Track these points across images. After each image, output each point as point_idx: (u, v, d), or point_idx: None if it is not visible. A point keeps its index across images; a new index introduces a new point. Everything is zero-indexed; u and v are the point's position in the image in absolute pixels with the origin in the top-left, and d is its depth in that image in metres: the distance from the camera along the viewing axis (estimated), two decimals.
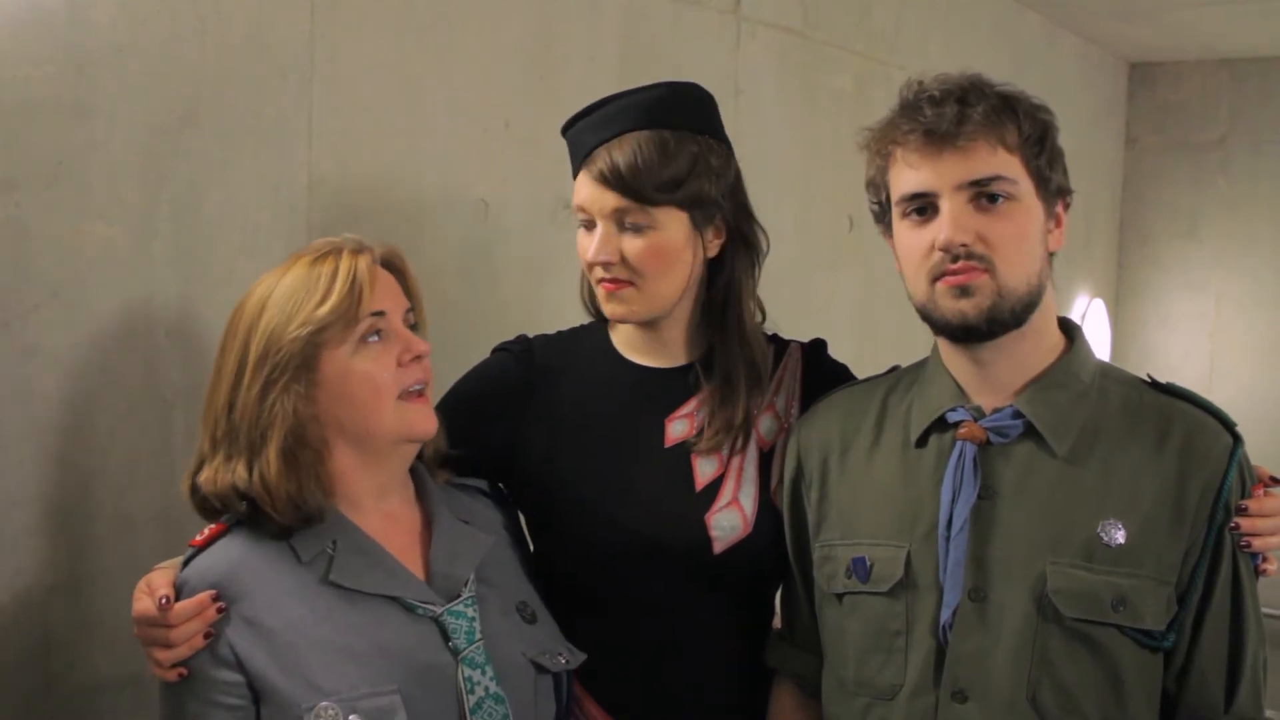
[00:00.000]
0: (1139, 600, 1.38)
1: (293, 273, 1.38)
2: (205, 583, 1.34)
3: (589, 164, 1.57)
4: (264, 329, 1.35)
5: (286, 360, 1.34)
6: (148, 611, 1.33)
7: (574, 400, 1.66)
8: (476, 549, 1.47)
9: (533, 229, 2.22)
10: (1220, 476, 1.39)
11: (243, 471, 1.35)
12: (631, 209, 1.55)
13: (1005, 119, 1.40)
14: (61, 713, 1.58)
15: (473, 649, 1.38)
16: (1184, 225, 4.55)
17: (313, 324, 1.35)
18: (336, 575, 1.36)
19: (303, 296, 1.36)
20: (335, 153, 1.88)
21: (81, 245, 1.56)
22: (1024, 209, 1.41)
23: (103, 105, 1.58)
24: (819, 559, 1.55)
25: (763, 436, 1.65)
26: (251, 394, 1.34)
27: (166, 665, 1.32)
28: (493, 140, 2.15)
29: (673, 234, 1.57)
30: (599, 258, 1.57)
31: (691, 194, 1.56)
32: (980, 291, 1.39)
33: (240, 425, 1.35)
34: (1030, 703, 1.38)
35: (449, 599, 1.40)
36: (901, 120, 1.42)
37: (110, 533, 1.62)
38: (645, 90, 1.59)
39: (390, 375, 1.39)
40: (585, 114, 1.61)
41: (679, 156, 1.55)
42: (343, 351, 1.37)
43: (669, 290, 1.59)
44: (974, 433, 1.44)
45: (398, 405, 1.40)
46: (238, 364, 1.36)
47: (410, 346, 1.41)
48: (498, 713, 1.37)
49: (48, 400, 1.54)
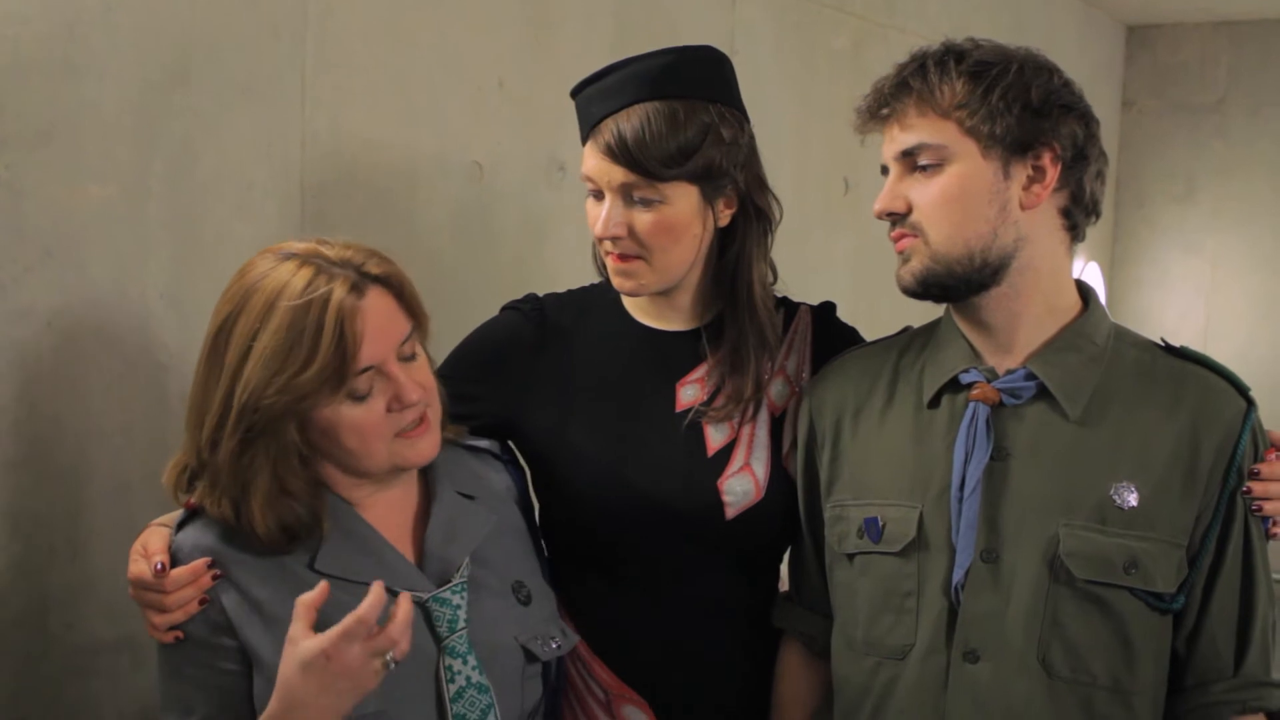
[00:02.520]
0: (1150, 563, 1.38)
1: (278, 317, 1.28)
2: (200, 550, 1.33)
3: (596, 135, 1.54)
4: (245, 383, 1.28)
5: (265, 422, 1.28)
6: (143, 575, 1.32)
7: (584, 361, 1.64)
8: (475, 531, 1.44)
9: (528, 190, 2.21)
10: (1233, 441, 1.39)
11: (228, 508, 1.32)
12: (639, 184, 1.51)
13: (938, 85, 1.39)
14: (60, 672, 1.58)
15: (455, 638, 1.36)
16: (1181, 188, 4.54)
17: (293, 392, 1.27)
18: (322, 564, 1.34)
19: (285, 356, 1.27)
20: (329, 112, 1.86)
21: (74, 206, 1.55)
22: (958, 173, 1.39)
23: (93, 64, 1.56)
24: (831, 519, 1.55)
25: (774, 401, 1.63)
26: (232, 445, 1.29)
27: (162, 629, 1.32)
28: (487, 100, 2.13)
29: (682, 208, 1.53)
30: (608, 233, 1.54)
31: (702, 167, 1.52)
32: (915, 255, 1.42)
33: (221, 469, 1.31)
34: (1040, 663, 1.38)
35: (440, 582, 1.39)
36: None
37: (106, 495, 1.61)
38: (655, 56, 1.54)
39: (381, 420, 1.33)
40: (594, 80, 1.56)
41: (689, 129, 1.51)
42: (329, 409, 1.31)
43: (678, 263, 1.57)
44: (987, 394, 1.43)
45: (392, 444, 1.35)
46: (222, 405, 1.29)
47: (401, 396, 1.33)
48: (480, 702, 1.36)
49: (41, 362, 1.53)
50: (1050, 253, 1.44)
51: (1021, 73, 1.39)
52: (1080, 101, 1.43)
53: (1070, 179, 1.42)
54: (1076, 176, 1.42)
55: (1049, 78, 1.41)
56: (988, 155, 1.39)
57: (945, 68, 1.40)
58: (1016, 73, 1.39)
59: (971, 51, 1.41)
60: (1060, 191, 1.42)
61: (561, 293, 1.73)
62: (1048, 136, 1.39)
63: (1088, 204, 1.45)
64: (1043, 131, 1.39)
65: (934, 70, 1.40)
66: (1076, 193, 1.43)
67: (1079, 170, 1.42)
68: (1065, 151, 1.40)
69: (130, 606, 1.38)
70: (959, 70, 1.39)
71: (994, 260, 1.40)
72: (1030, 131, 1.38)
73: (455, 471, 1.49)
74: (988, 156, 1.39)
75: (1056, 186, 1.41)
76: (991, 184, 1.39)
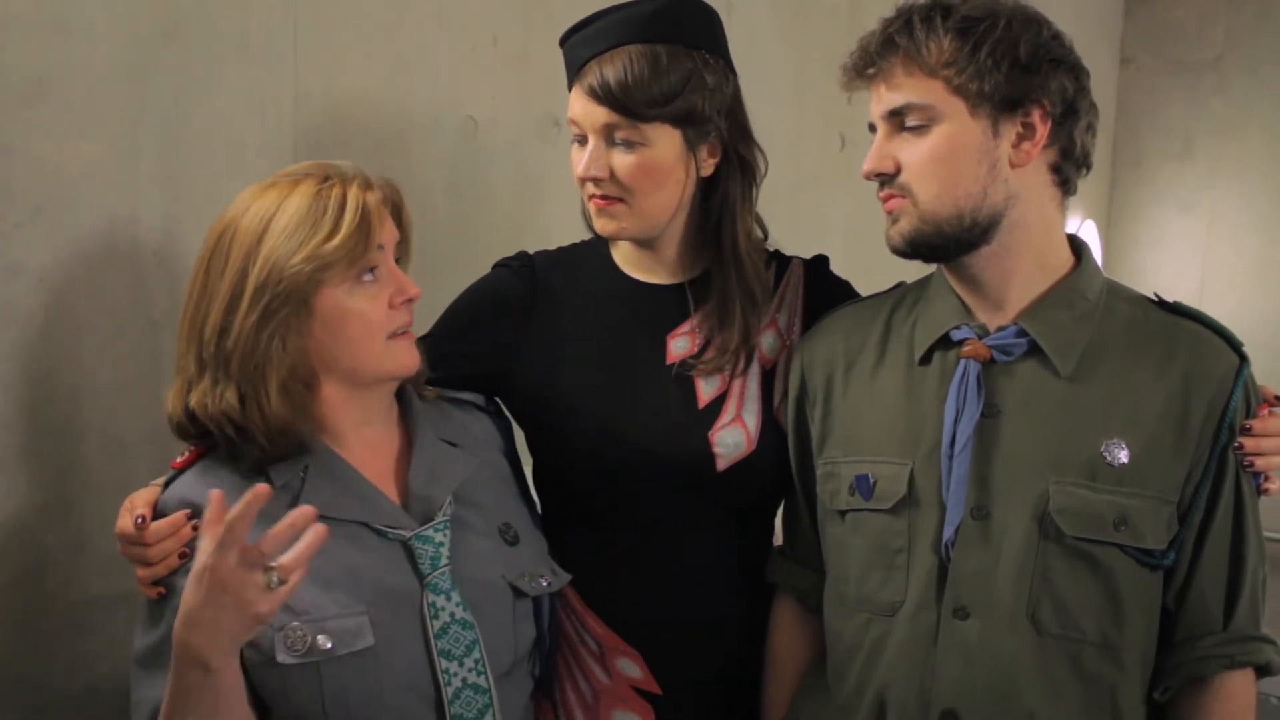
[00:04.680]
0: (1140, 520, 1.38)
1: (295, 199, 1.34)
2: (183, 505, 1.35)
3: (580, 78, 1.55)
4: (265, 257, 1.32)
5: (287, 293, 1.32)
6: (126, 529, 1.35)
7: (575, 315, 1.65)
8: (457, 471, 1.47)
9: (522, 147, 2.19)
10: (1226, 396, 1.39)
11: (233, 399, 1.33)
12: (621, 124, 1.53)
13: (924, 42, 1.37)
14: (57, 629, 1.59)
15: (438, 574, 1.38)
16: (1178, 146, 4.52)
17: (319, 259, 1.32)
18: (304, 502, 1.34)
19: (309, 228, 1.32)
20: (322, 69, 1.85)
21: (64, 163, 1.54)
22: (946, 132, 1.38)
23: (83, 19, 1.54)
24: (822, 476, 1.55)
25: (765, 353, 1.64)
26: (248, 323, 1.32)
27: (147, 582, 1.35)
28: (481, 57, 2.11)
29: (663, 151, 1.55)
30: (589, 173, 1.55)
31: (683, 110, 1.54)
32: (904, 216, 1.41)
33: (233, 353, 1.32)
34: (1030, 619, 1.39)
35: (424, 522, 1.40)
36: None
37: (99, 453, 1.61)
38: (642, 3, 1.56)
39: (383, 313, 1.38)
40: (581, 26, 1.58)
41: (671, 71, 1.53)
42: (339, 290, 1.35)
43: (659, 208, 1.58)
44: (978, 350, 1.43)
45: (386, 344, 1.39)
46: (233, 288, 1.32)
47: (403, 289, 1.40)
48: (465, 638, 1.37)
49: (33, 319, 1.53)
50: (1041, 209, 1.43)
51: (1010, 27, 1.37)
52: (1070, 54, 1.41)
53: (1060, 134, 1.40)
54: (1067, 131, 1.41)
55: (1038, 31, 1.39)
56: (976, 114, 1.37)
57: (932, 24, 1.38)
58: (1005, 28, 1.37)
59: (959, 6, 1.39)
60: (1050, 147, 1.41)
61: (553, 250, 1.74)
62: (1037, 93, 1.37)
63: (1078, 158, 1.44)
64: (1032, 88, 1.37)
65: (920, 27, 1.38)
66: (1067, 147, 1.42)
67: (1069, 125, 1.41)
68: (1055, 107, 1.38)
69: (125, 564, 1.38)
70: (946, 26, 1.37)
71: (984, 220, 1.40)
72: (1020, 88, 1.37)
73: (438, 421, 1.51)
74: (976, 115, 1.37)
75: (1047, 143, 1.39)
76: (980, 143, 1.38)
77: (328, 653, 1.31)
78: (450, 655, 1.37)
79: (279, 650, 1.31)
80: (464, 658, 1.37)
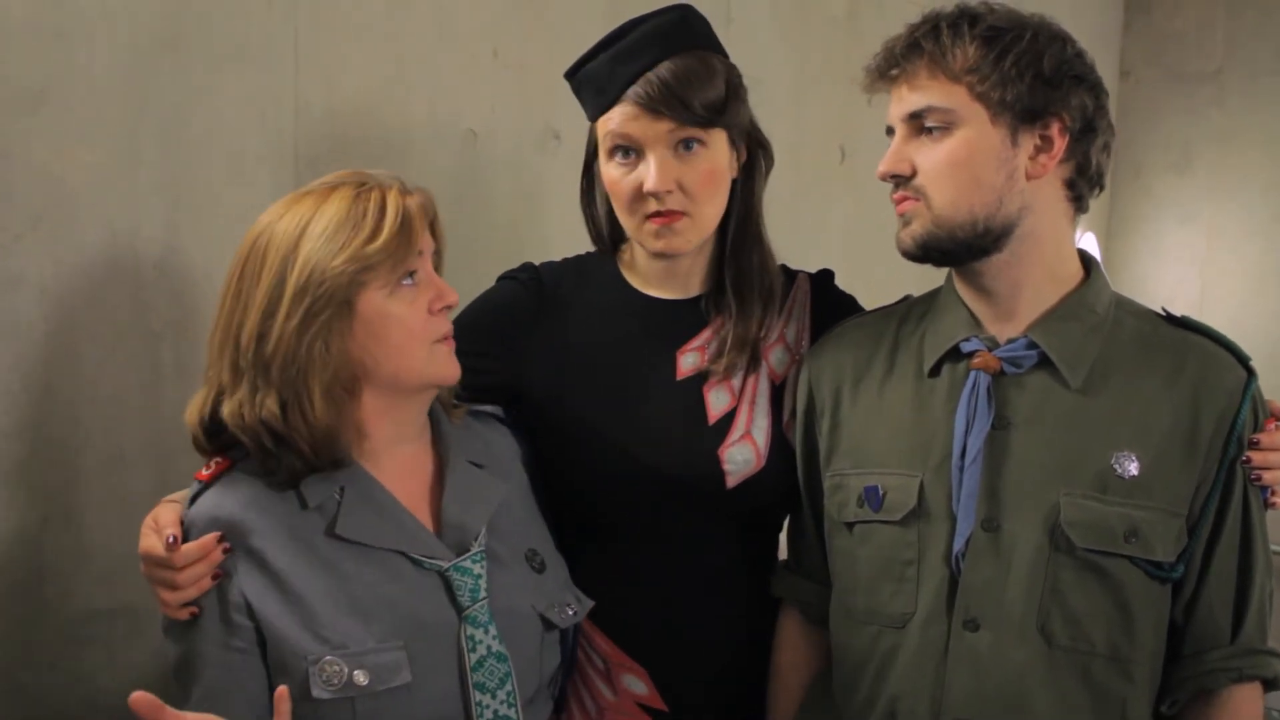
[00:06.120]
0: (1150, 532, 1.38)
1: (334, 204, 1.31)
2: (213, 523, 1.30)
3: (629, 92, 1.52)
4: (305, 259, 1.29)
5: (329, 294, 1.29)
6: (154, 550, 1.29)
7: (583, 331, 1.64)
8: (490, 499, 1.44)
9: (521, 159, 2.19)
10: (1234, 410, 1.39)
11: (274, 406, 1.29)
12: (687, 132, 1.52)
13: (950, 47, 1.38)
14: (57, 640, 1.58)
15: (476, 607, 1.36)
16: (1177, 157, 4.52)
17: (361, 260, 1.29)
18: (342, 529, 1.33)
19: (350, 230, 1.30)
20: (322, 78, 1.85)
21: (65, 172, 1.53)
22: (965, 138, 1.38)
23: (83, 28, 1.54)
24: (830, 488, 1.55)
25: (774, 369, 1.63)
26: (289, 326, 1.28)
27: (175, 606, 1.30)
28: (481, 68, 2.11)
29: (720, 155, 1.56)
30: (662, 186, 1.52)
31: (732, 113, 1.55)
32: (917, 219, 1.41)
33: (273, 358, 1.29)
34: (1040, 631, 1.39)
35: (459, 552, 1.38)
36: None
37: (100, 465, 1.60)
38: (663, 14, 1.55)
39: (424, 319, 1.36)
40: (603, 48, 1.56)
41: (717, 77, 1.54)
42: (380, 293, 1.32)
43: (715, 216, 1.58)
44: (988, 362, 1.43)
45: (430, 349, 1.37)
46: (270, 293, 1.29)
47: (443, 295, 1.38)
48: (499, 670, 1.36)
49: (34, 330, 1.52)
50: (1054, 222, 1.43)
51: (1035, 40, 1.38)
52: (1091, 73, 1.42)
53: (1077, 150, 1.41)
54: (1083, 148, 1.41)
55: (1062, 46, 1.40)
56: (996, 122, 1.38)
57: (959, 30, 1.38)
58: (1030, 40, 1.38)
59: (985, 15, 1.40)
60: (1066, 163, 1.41)
61: (557, 261, 1.72)
62: (1057, 107, 1.38)
63: (1093, 176, 1.44)
64: (1053, 101, 1.38)
65: (947, 32, 1.39)
66: (1082, 164, 1.42)
67: (1086, 142, 1.41)
68: (1074, 123, 1.39)
69: (124, 576, 1.38)
70: (972, 34, 1.38)
71: (997, 227, 1.40)
72: (1040, 101, 1.37)
73: (465, 439, 1.49)
74: (996, 123, 1.38)
75: (1063, 158, 1.40)
76: (998, 151, 1.38)
77: (364, 689, 1.28)
78: (484, 688, 1.34)
79: (314, 685, 1.27)
80: (497, 690, 1.35)
